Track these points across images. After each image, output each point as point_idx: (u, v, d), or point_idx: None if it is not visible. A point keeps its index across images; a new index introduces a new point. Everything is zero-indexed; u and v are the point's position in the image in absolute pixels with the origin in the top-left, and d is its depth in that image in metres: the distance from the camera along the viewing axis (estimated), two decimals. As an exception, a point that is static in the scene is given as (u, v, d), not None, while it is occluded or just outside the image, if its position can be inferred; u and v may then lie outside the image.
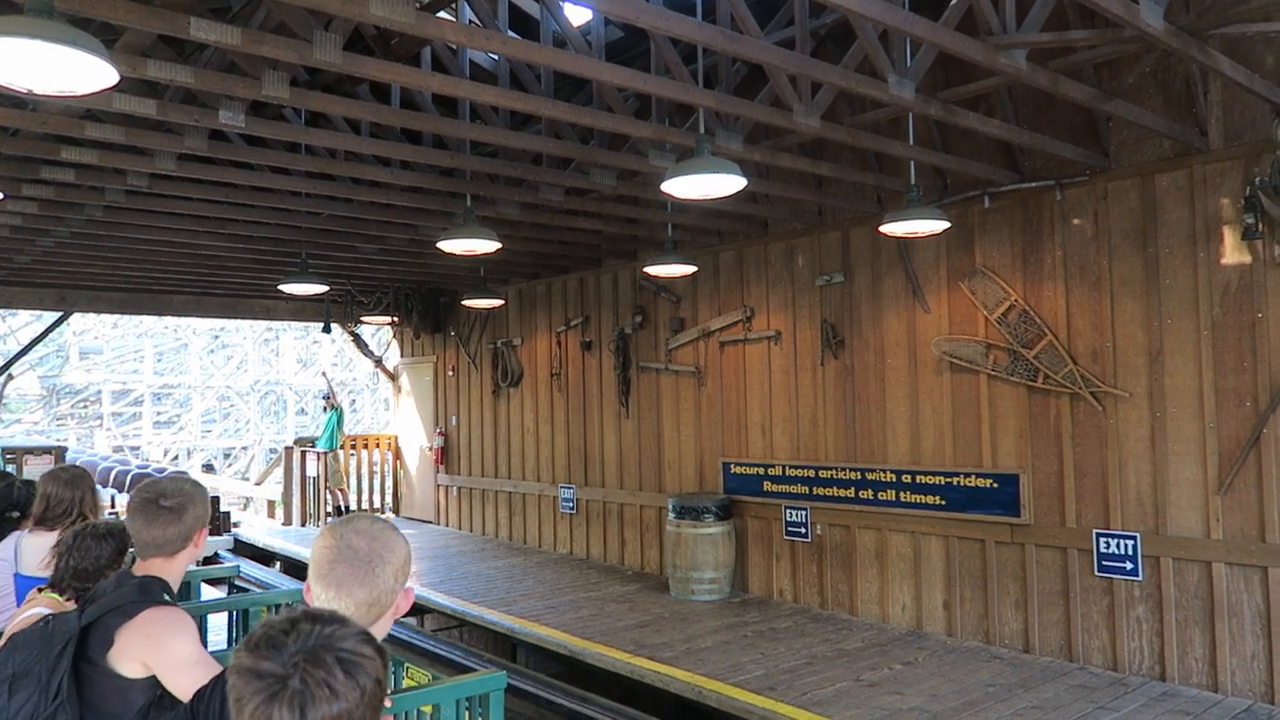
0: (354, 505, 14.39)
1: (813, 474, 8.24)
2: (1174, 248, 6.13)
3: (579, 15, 6.72)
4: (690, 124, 6.09)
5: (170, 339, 29.60)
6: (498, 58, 6.54)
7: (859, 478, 7.87)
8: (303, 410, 30.27)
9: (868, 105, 6.55)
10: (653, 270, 8.22)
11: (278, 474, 16.82)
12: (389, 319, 13.42)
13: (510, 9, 6.67)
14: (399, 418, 15.29)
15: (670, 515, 8.77)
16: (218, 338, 30.12)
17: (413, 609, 9.29)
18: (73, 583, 2.82)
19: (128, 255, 9.70)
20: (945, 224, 6.30)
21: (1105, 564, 6.38)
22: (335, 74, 5.30)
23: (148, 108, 4.89)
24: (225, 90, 4.64)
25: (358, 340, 15.73)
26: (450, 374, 13.76)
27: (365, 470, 14.82)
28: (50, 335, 14.70)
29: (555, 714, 6.60)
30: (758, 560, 8.83)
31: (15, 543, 3.66)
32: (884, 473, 7.68)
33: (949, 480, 7.23)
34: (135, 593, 2.42)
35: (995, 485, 6.95)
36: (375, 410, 29.54)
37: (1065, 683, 6.15)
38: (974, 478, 7.07)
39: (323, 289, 9.84)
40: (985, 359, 7.05)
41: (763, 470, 8.69)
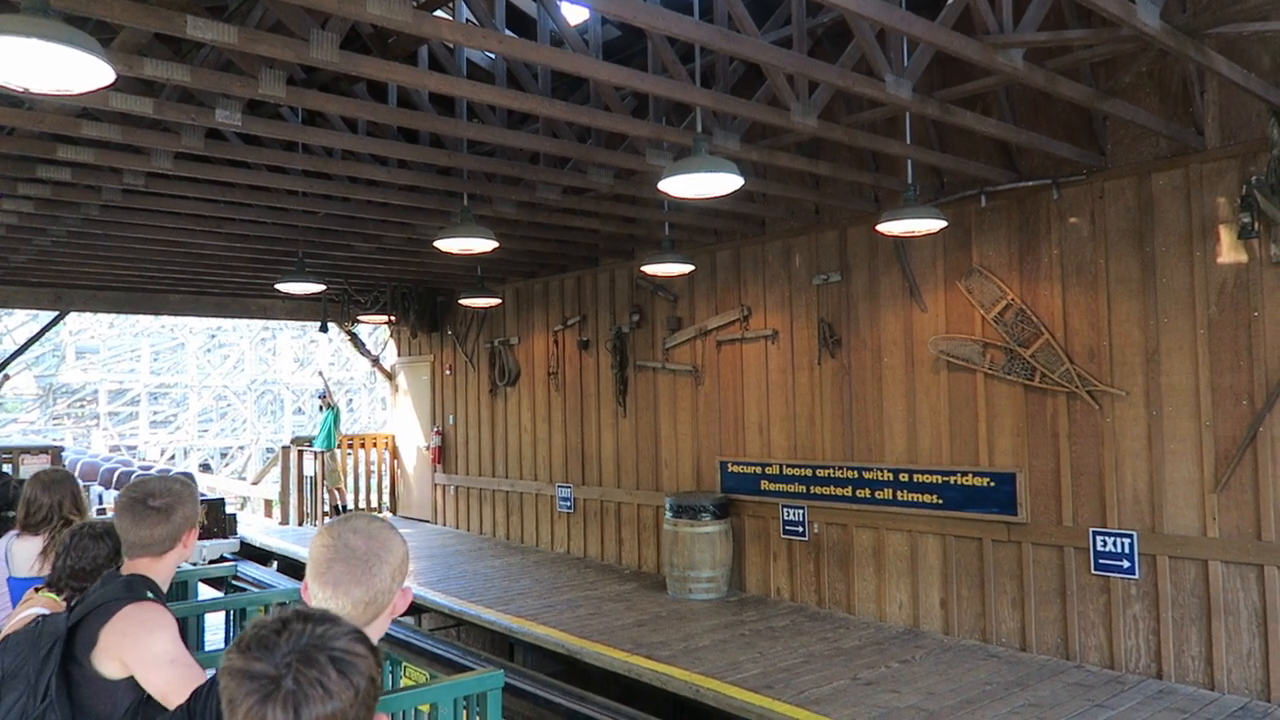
0: (351, 504, 14.38)
1: (810, 473, 8.24)
2: (1170, 247, 6.14)
3: (576, 14, 6.73)
4: (687, 123, 6.09)
5: (167, 338, 29.56)
6: (495, 57, 6.53)
7: (856, 477, 7.88)
8: (300, 410, 30.23)
9: (865, 104, 6.56)
10: (650, 269, 8.21)
11: (275, 473, 16.81)
12: (386, 318, 13.40)
13: (507, 8, 6.66)
14: (396, 417, 15.28)
15: (667, 514, 8.77)
16: (214, 337, 30.07)
17: (410, 608, 9.26)
18: (70, 582, 2.81)
19: (124, 254, 9.69)
20: (942, 223, 6.31)
21: (1102, 562, 6.39)
22: (332, 73, 5.29)
23: (144, 106, 4.89)
24: (222, 89, 4.64)
25: (355, 339, 15.72)
26: (447, 373, 13.75)
27: (362, 469, 14.81)
28: (46, 334, 14.66)
29: (553, 713, 6.60)
30: (755, 559, 8.83)
31: (6, 546, 3.64)
32: (881, 472, 7.68)
33: (946, 479, 7.24)
34: (119, 591, 2.41)
35: (992, 484, 6.96)
36: (372, 409, 29.50)
37: (1062, 681, 6.16)
38: (971, 476, 7.08)
39: (320, 288, 9.83)
40: (982, 358, 7.06)
41: (760, 469, 8.69)
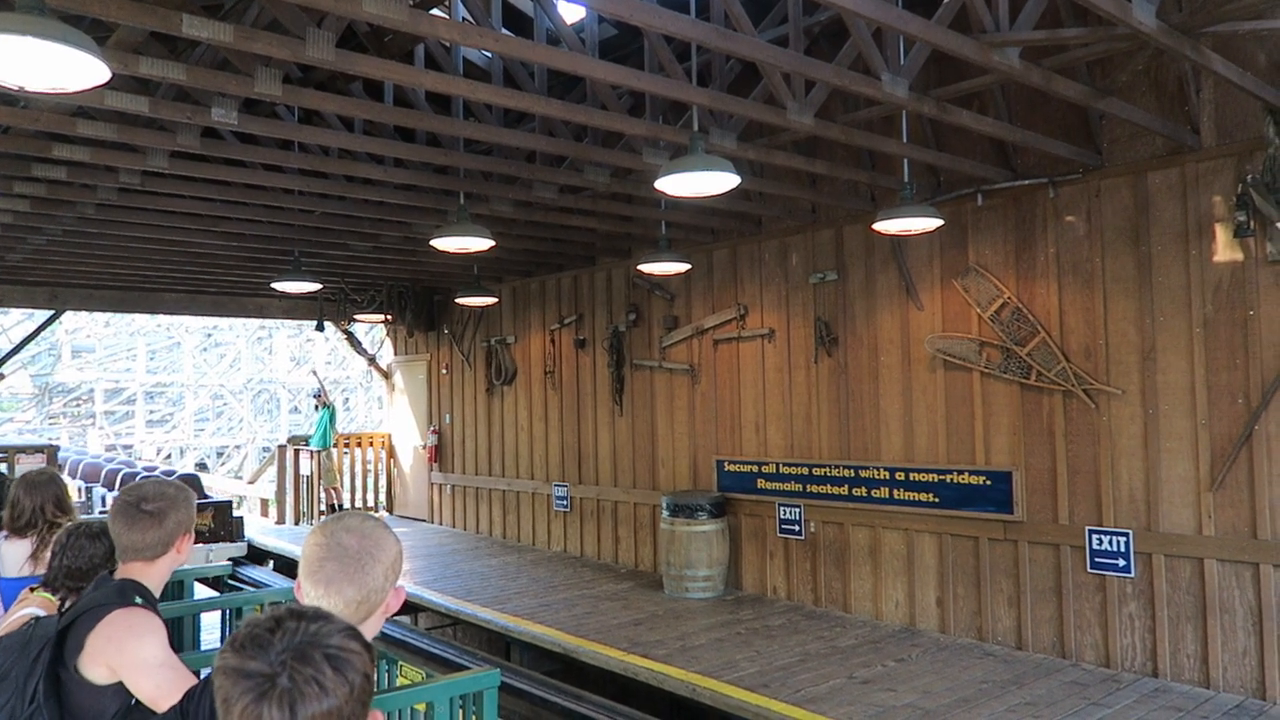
0: (347, 504, 14.36)
1: (806, 471, 8.25)
2: (1166, 245, 6.15)
3: (573, 13, 6.73)
4: (684, 121, 6.09)
5: (163, 337, 29.52)
6: (491, 55, 6.52)
7: (852, 475, 7.88)
8: (296, 409, 30.21)
9: (861, 103, 6.56)
10: (647, 268, 8.21)
11: (271, 472, 16.79)
12: (382, 317, 13.39)
13: (504, 6, 6.65)
14: (393, 416, 15.27)
15: (664, 513, 8.77)
16: (210, 336, 30.03)
17: (407, 607, 9.29)
18: (65, 581, 2.81)
19: (120, 253, 9.67)
20: (939, 222, 6.32)
21: (1098, 561, 6.40)
22: (328, 71, 5.29)
23: (140, 105, 4.87)
24: (218, 87, 4.63)
25: (351, 338, 15.70)
26: (444, 372, 13.74)
27: (359, 469, 14.80)
28: (42, 333, 14.63)
29: (549, 712, 6.60)
30: (751, 558, 8.84)
31: None
32: (877, 470, 7.69)
33: (942, 478, 7.24)
34: (108, 596, 2.39)
35: (988, 482, 6.97)
36: (369, 408, 29.49)
37: (1058, 679, 6.17)
38: (967, 475, 7.09)
39: (316, 287, 9.82)
40: (978, 356, 7.06)
41: (756, 468, 8.70)
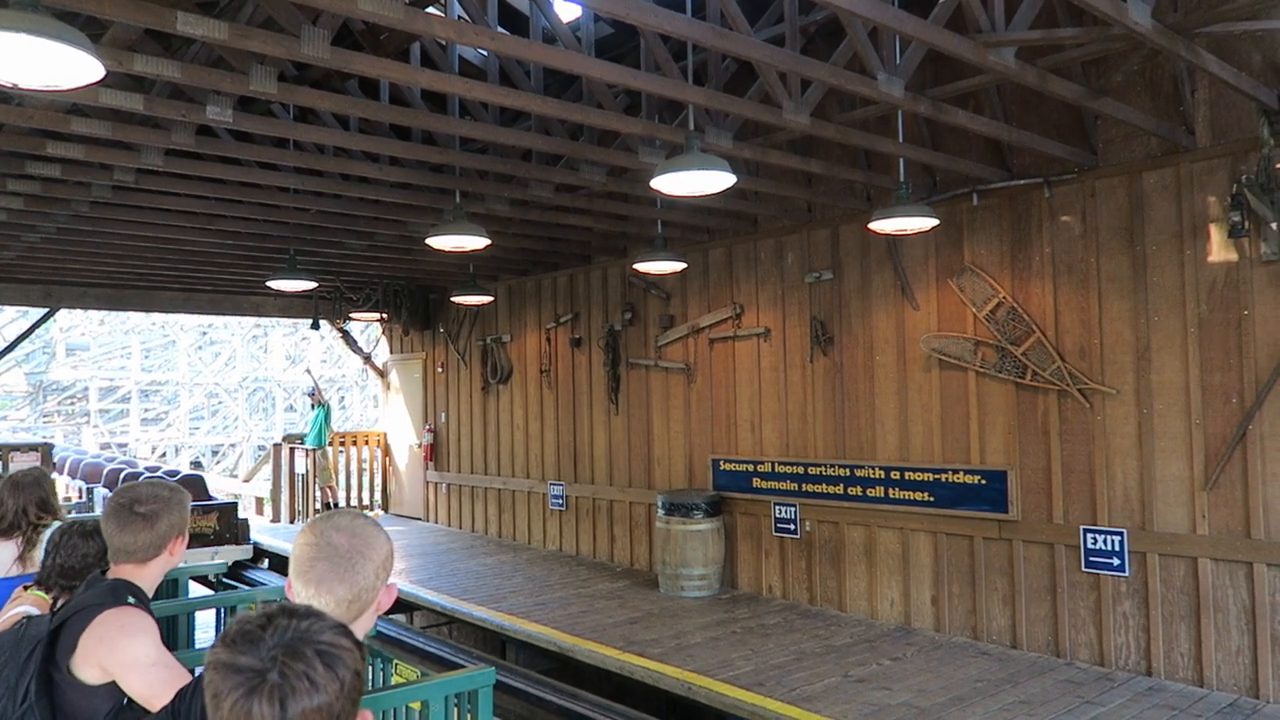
0: (343, 502, 14.35)
1: (802, 470, 8.26)
2: (1161, 245, 6.16)
3: (569, 11, 6.71)
4: (680, 121, 6.09)
5: (158, 335, 29.46)
6: (487, 54, 6.51)
7: (848, 474, 7.89)
8: (291, 407, 30.17)
9: (857, 102, 6.56)
10: (642, 267, 8.21)
11: (266, 471, 16.79)
12: (378, 315, 13.38)
13: (500, 5, 6.64)
14: (388, 414, 15.25)
15: (660, 512, 8.77)
16: (206, 334, 29.98)
17: (402, 606, 9.28)
18: (59, 580, 2.81)
19: (114, 251, 9.65)
20: (934, 221, 6.32)
21: (1092, 560, 6.41)
22: (324, 69, 5.28)
23: (134, 102, 4.86)
24: (212, 85, 4.62)
25: (346, 337, 15.68)
26: (439, 371, 13.73)
27: (354, 467, 14.79)
28: (36, 331, 14.59)
29: (545, 710, 6.61)
30: (747, 556, 8.84)
31: None
32: (873, 469, 7.70)
33: (937, 477, 7.25)
34: (100, 596, 2.39)
35: (983, 482, 6.98)
36: (364, 407, 29.46)
37: (1052, 678, 6.18)
38: (962, 474, 7.10)
39: (311, 285, 9.79)
40: (974, 356, 7.07)
41: (752, 467, 8.70)
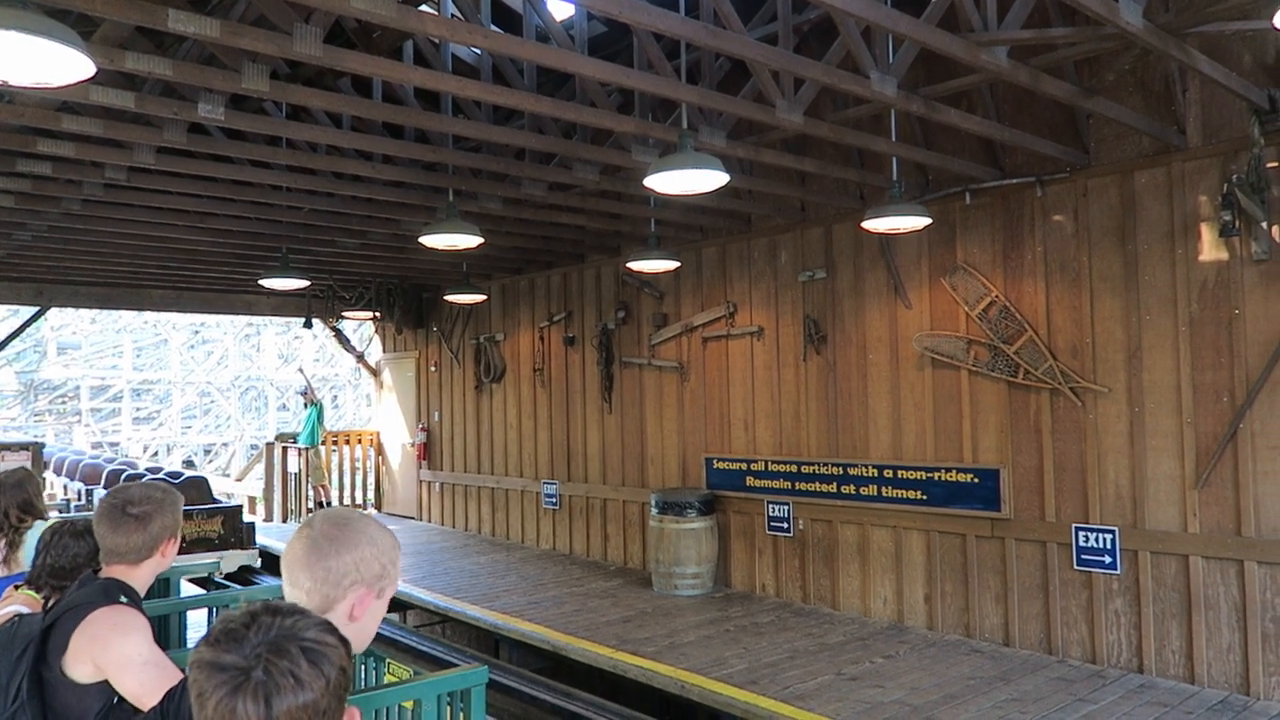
0: (336, 501, 14.32)
1: (795, 469, 8.26)
2: (1152, 244, 6.18)
3: (562, 10, 6.70)
4: (673, 119, 6.09)
5: (150, 334, 29.36)
6: (480, 52, 6.51)
7: (841, 473, 7.90)
8: (284, 406, 30.10)
9: (850, 101, 6.57)
10: (636, 265, 8.20)
11: (259, 470, 16.74)
12: (371, 314, 13.34)
13: (493, 3, 6.62)
14: (381, 413, 15.22)
15: (653, 510, 8.77)
16: (198, 333, 29.89)
17: (395, 605, 9.27)
18: (49, 580, 2.79)
19: (106, 249, 9.61)
20: (927, 220, 6.34)
21: (1084, 558, 6.43)
22: (316, 67, 5.25)
23: (126, 100, 4.84)
24: (204, 83, 4.60)
25: (339, 336, 15.65)
26: (433, 369, 13.71)
27: (347, 466, 14.76)
28: (27, 330, 14.52)
29: (538, 709, 6.61)
30: (740, 555, 8.85)
31: None
32: (866, 468, 7.71)
33: (930, 475, 7.27)
34: (92, 594, 2.38)
35: (976, 480, 7.00)
36: (357, 406, 29.40)
37: (1044, 675, 6.20)
38: (955, 473, 7.12)
39: (304, 284, 9.78)
40: (966, 355, 7.09)
41: (745, 465, 8.71)
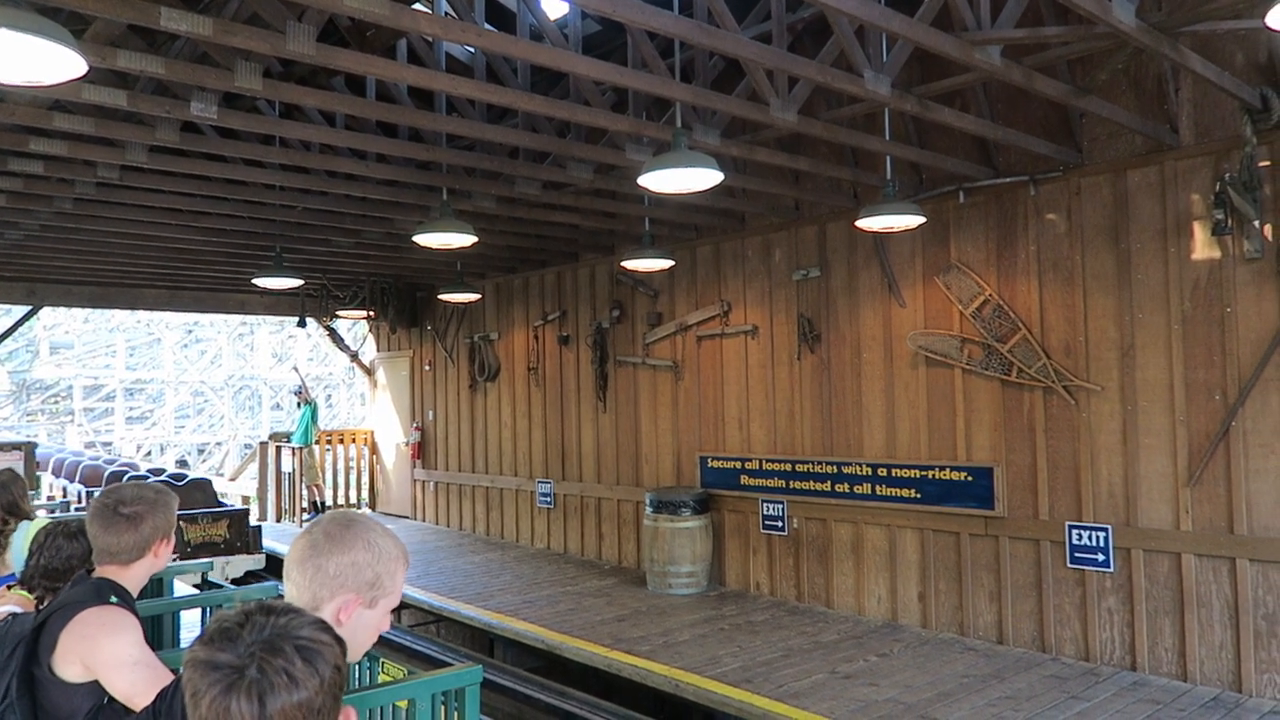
0: (330, 501, 14.29)
1: (789, 468, 8.27)
2: (1145, 243, 6.20)
3: (556, 8, 6.70)
4: (667, 118, 6.09)
5: (143, 333, 29.24)
6: (474, 50, 6.49)
7: (835, 471, 7.91)
8: (278, 405, 30.02)
9: (844, 100, 6.57)
10: (630, 264, 8.20)
11: (252, 469, 16.69)
12: (365, 313, 13.32)
13: (486, 2, 6.62)
14: (375, 413, 15.20)
15: (647, 509, 8.77)
16: (191, 332, 29.78)
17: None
18: (42, 581, 2.79)
19: (99, 248, 9.57)
20: (921, 219, 6.34)
21: (1077, 556, 6.45)
22: (309, 66, 5.24)
23: (118, 99, 4.82)
24: (197, 81, 4.58)
25: (333, 335, 15.62)
26: (427, 369, 13.69)
27: (341, 465, 14.72)
28: (19, 329, 14.47)
29: (533, 708, 6.60)
30: (735, 554, 8.86)
31: None
32: (860, 466, 7.72)
33: (924, 474, 7.28)
34: (83, 594, 2.39)
35: (970, 478, 7.01)
36: (351, 405, 29.34)
37: (1038, 673, 6.22)
38: (949, 471, 7.13)
39: (298, 283, 9.76)
40: (960, 353, 7.10)
41: (740, 464, 8.71)
